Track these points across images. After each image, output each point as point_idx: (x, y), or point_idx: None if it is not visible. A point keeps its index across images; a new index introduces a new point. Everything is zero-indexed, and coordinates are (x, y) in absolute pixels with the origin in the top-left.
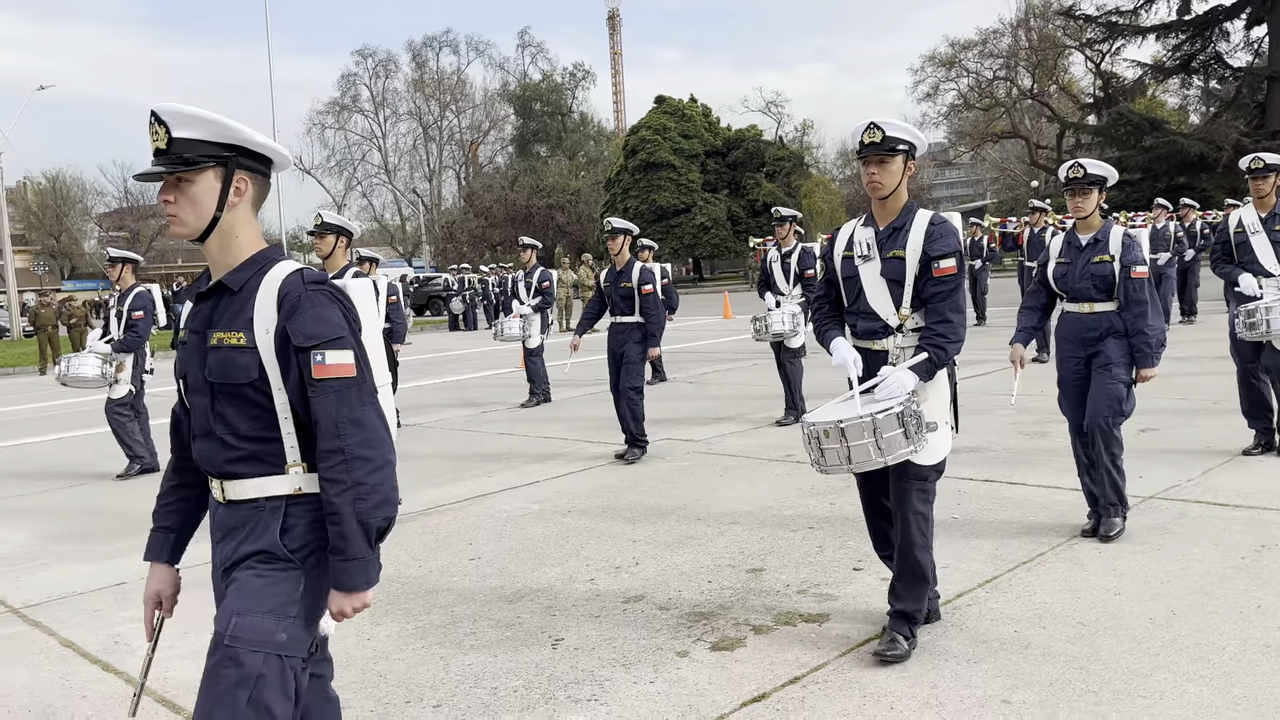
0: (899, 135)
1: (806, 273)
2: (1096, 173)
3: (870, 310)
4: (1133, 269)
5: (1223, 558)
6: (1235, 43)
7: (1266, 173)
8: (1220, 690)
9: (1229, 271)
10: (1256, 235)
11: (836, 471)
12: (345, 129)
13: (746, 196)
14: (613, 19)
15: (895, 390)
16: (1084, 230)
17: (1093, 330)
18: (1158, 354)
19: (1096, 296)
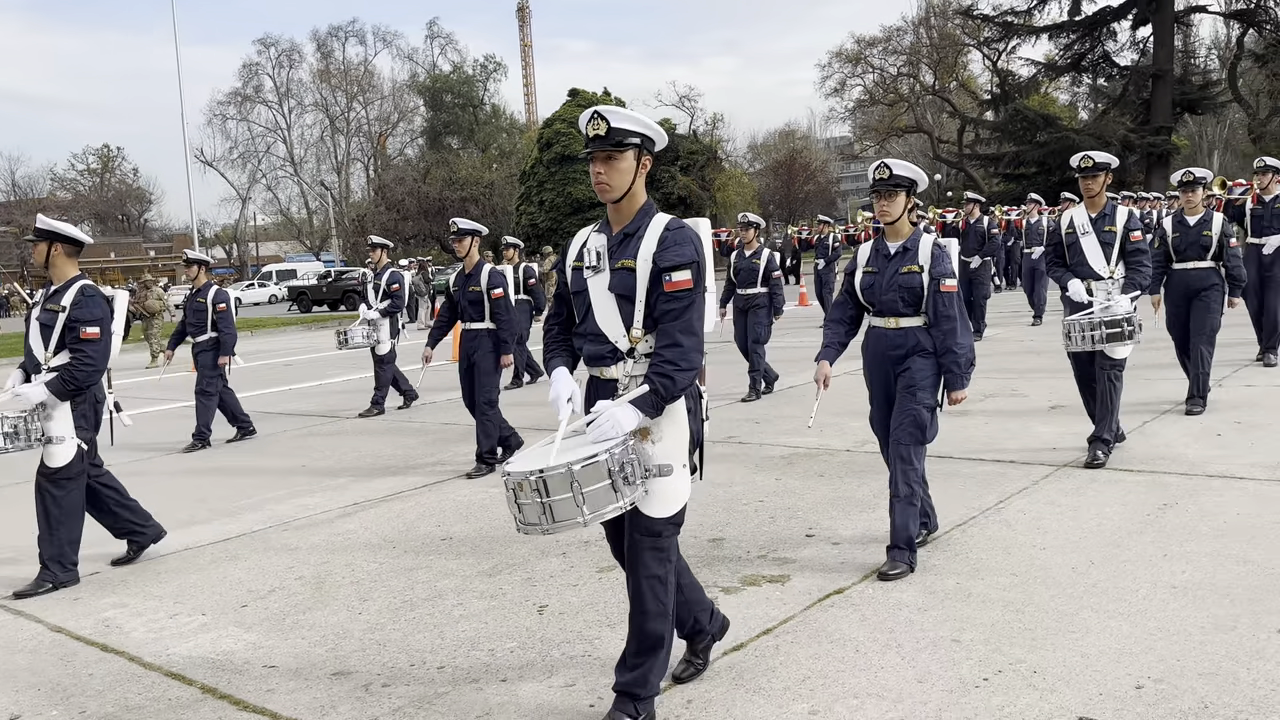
0: (627, 127)
1: None
2: (903, 174)
3: (598, 331)
4: (942, 282)
5: (1131, 515)
6: (1122, 42)
7: (1096, 171)
8: (1137, 624)
9: (1060, 276)
10: (1086, 236)
11: (535, 532)
12: (248, 120)
13: (662, 190)
14: (522, 11)
15: (609, 431)
16: (893, 238)
17: (899, 347)
18: (967, 374)
19: (904, 310)
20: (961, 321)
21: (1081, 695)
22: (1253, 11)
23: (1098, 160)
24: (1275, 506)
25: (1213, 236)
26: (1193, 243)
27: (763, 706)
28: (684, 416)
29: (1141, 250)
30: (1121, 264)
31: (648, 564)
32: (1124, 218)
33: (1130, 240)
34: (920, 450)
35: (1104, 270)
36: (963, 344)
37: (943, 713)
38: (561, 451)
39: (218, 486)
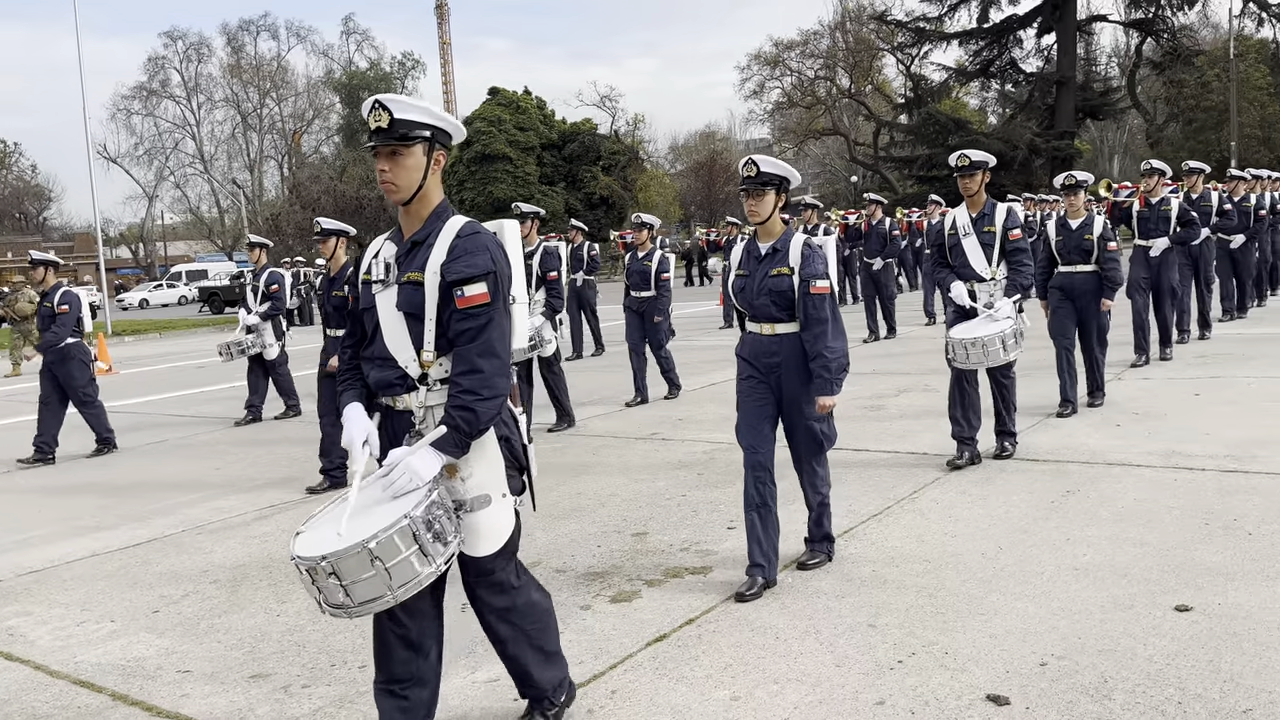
0: (414, 118)
1: (549, 274)
2: (772, 172)
3: (386, 354)
4: (812, 284)
5: (1036, 502)
6: (1028, 50)
7: (973, 170)
8: (1042, 605)
9: (943, 278)
10: (968, 237)
11: (343, 615)
12: (154, 115)
13: (584, 189)
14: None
15: (406, 485)
16: (764, 238)
17: (774, 354)
18: (838, 379)
19: (777, 315)
20: (834, 325)
21: (990, 674)
22: (1150, 21)
23: (974, 159)
24: (1169, 491)
25: (1094, 240)
26: (1075, 246)
27: (685, 694)
28: (495, 447)
29: (1021, 249)
30: (1003, 265)
31: (490, 601)
32: (1003, 217)
33: (1009, 240)
34: (824, 457)
35: (985, 271)
36: (834, 348)
37: (859, 694)
38: (356, 515)
39: (126, 492)
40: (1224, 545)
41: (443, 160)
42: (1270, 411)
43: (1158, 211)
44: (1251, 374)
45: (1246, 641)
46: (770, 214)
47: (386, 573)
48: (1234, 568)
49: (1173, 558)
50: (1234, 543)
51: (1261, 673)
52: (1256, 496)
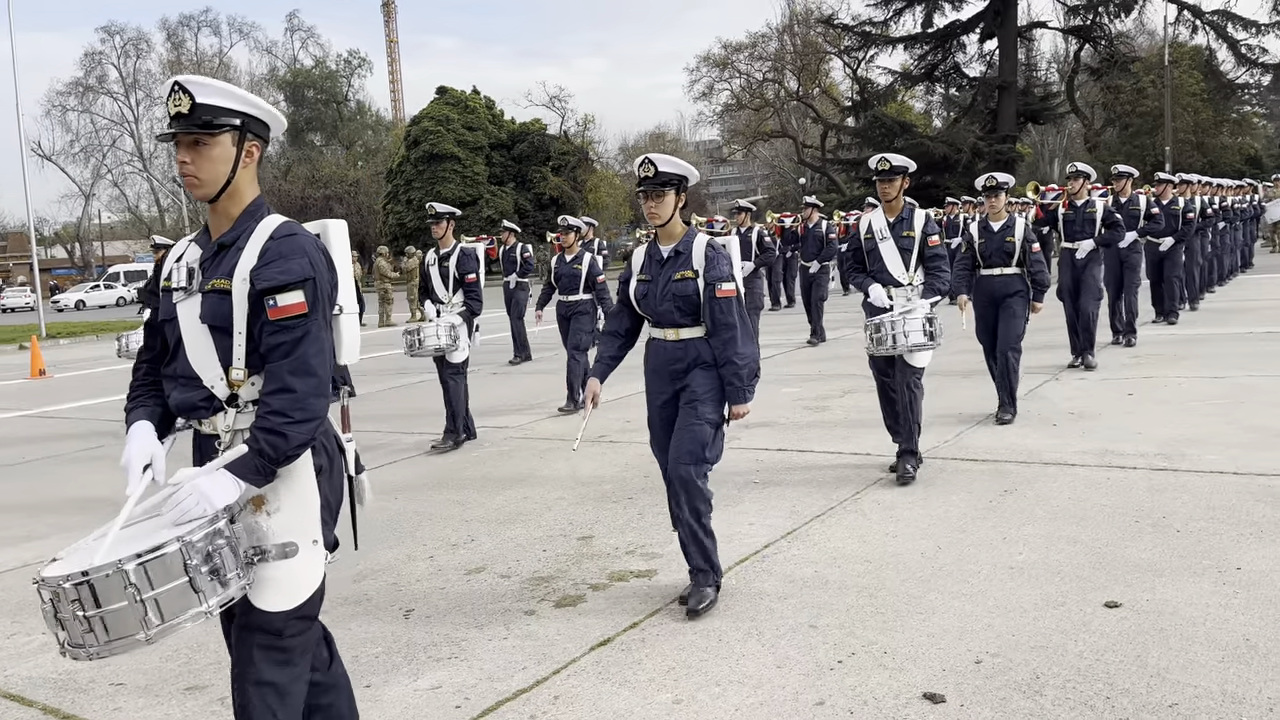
0: (219, 103)
1: (467, 277)
2: (670, 171)
3: (190, 373)
4: (718, 287)
5: (975, 502)
6: (971, 54)
7: (893, 174)
8: (978, 604)
9: (860, 281)
10: (885, 241)
11: (83, 656)
12: (91, 112)
13: (533, 190)
14: (387, 6)
15: (192, 510)
16: (665, 240)
17: (679, 361)
18: (750, 386)
19: (681, 320)
20: (744, 329)
21: (927, 672)
22: (1089, 28)
23: (894, 164)
24: (1102, 490)
25: (1015, 242)
26: (997, 249)
27: (628, 698)
28: (309, 481)
29: (939, 256)
30: (921, 270)
31: (259, 667)
32: (921, 222)
33: (928, 246)
34: (702, 471)
35: (903, 276)
36: (744, 353)
37: (800, 695)
38: (123, 539)
39: (58, 500)
40: (1153, 542)
41: (256, 153)
42: (1200, 411)
43: (1082, 214)
44: (1183, 374)
45: (1173, 637)
46: (671, 215)
47: (142, 604)
48: (1162, 564)
49: (1104, 555)
50: (1163, 540)
51: (1187, 667)
52: (1185, 494)
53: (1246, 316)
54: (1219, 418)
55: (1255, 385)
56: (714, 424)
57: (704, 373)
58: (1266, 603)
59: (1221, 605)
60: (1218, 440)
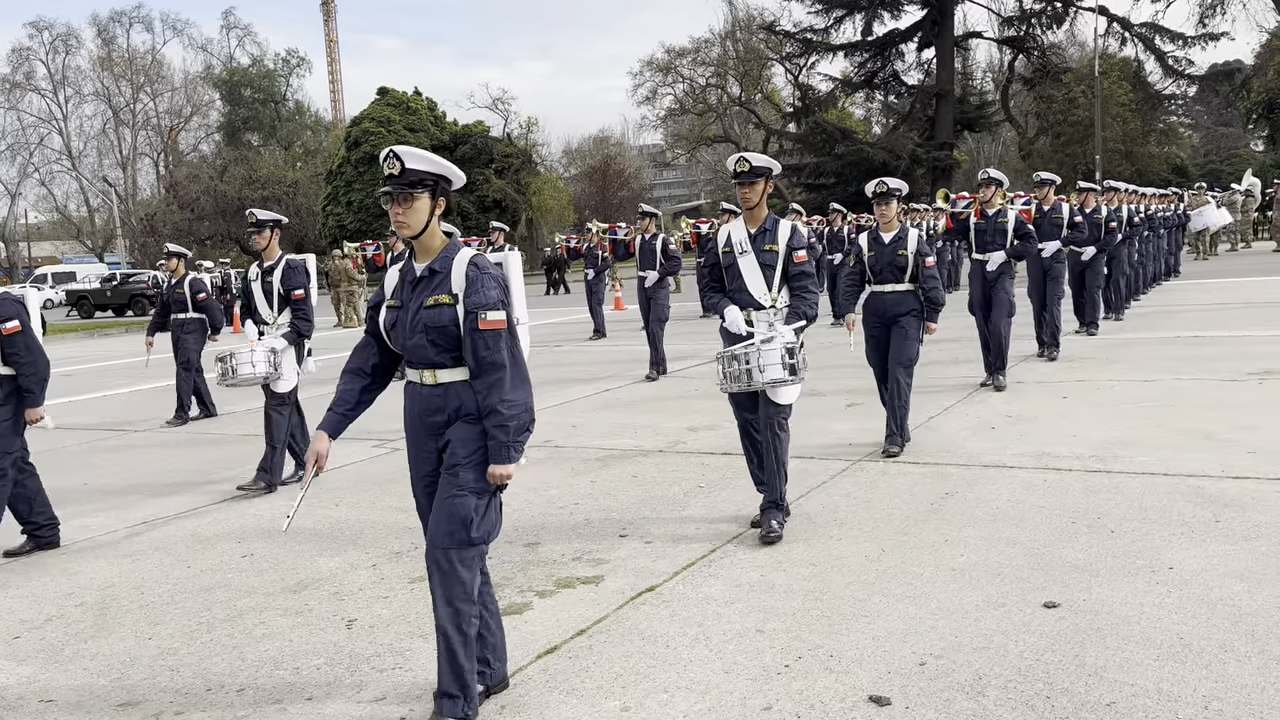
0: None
1: (294, 294)
2: (421, 169)
3: None
4: (481, 315)
5: (917, 504)
6: (910, 63)
7: (753, 177)
8: (921, 606)
9: (716, 303)
10: (745, 256)
11: None
12: (18, 109)
13: (476, 192)
14: (327, 4)
15: None
16: (421, 256)
17: (438, 411)
18: (518, 442)
19: (439, 359)
20: (515, 370)
21: (872, 675)
22: (1022, 39)
23: (755, 164)
24: (1039, 493)
25: (908, 256)
26: (888, 263)
27: (576, 706)
28: None
29: (806, 274)
30: (785, 290)
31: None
32: (786, 234)
33: (794, 261)
34: (468, 556)
35: (765, 297)
36: (513, 400)
37: (747, 700)
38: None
39: None
40: (1089, 543)
41: None
42: (1131, 413)
43: (994, 224)
44: (1114, 377)
45: (1109, 636)
46: (425, 224)
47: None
48: (1098, 564)
49: (1042, 556)
50: (1098, 540)
51: (1124, 666)
52: (1118, 496)
53: (1174, 321)
54: (1150, 420)
55: (1184, 388)
56: (481, 493)
57: (468, 427)
58: (1199, 602)
59: (1155, 604)
60: (1149, 442)
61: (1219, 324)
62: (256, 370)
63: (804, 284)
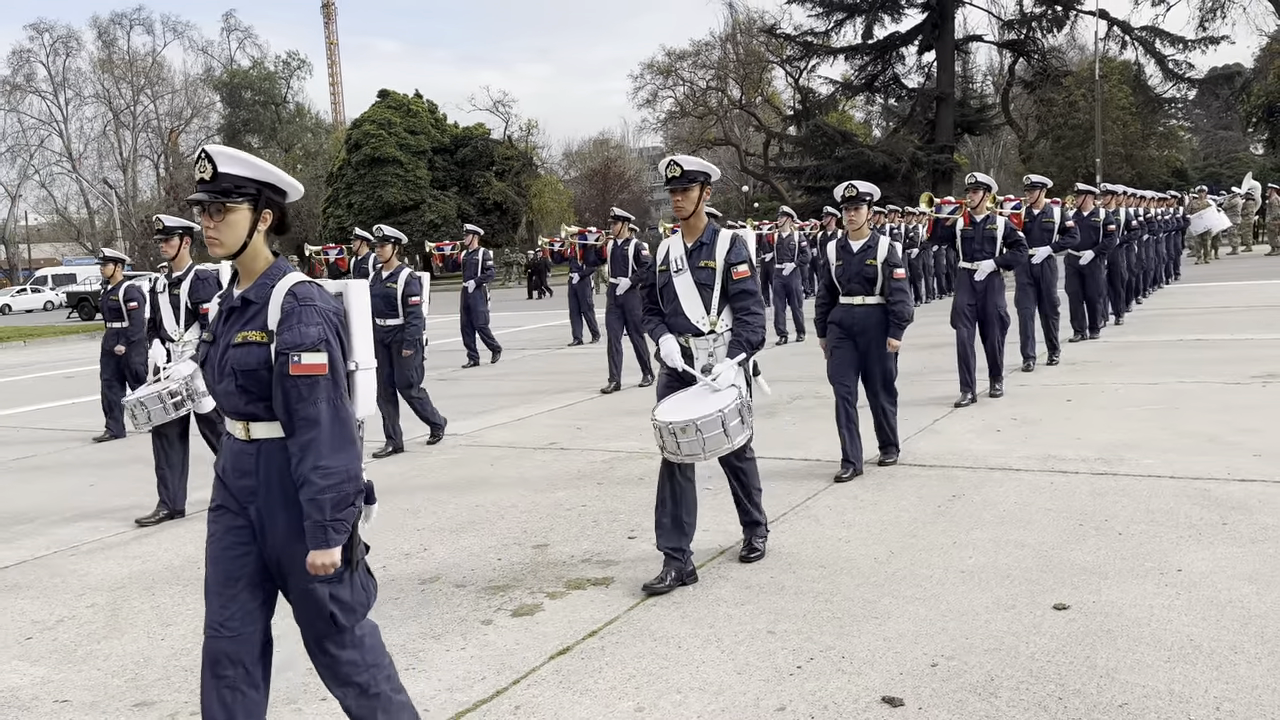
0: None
1: (202, 308)
2: (239, 174)
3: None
4: (292, 359)
5: (925, 507)
6: (910, 66)
7: (687, 183)
8: (931, 608)
9: (653, 329)
10: (680, 275)
11: None
12: (18, 111)
13: (476, 194)
14: (328, 7)
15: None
16: (243, 281)
17: (247, 474)
18: (339, 521)
19: (251, 409)
20: (336, 427)
21: (884, 676)
22: (1022, 42)
23: (688, 168)
24: (1046, 494)
25: (877, 266)
26: (856, 274)
27: (590, 707)
28: None
29: (749, 292)
30: (726, 313)
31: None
32: (725, 248)
33: (734, 279)
34: (347, 639)
35: (703, 321)
36: (331, 467)
37: (760, 701)
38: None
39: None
40: (1097, 545)
41: None
42: (1136, 416)
43: (983, 230)
44: (1118, 380)
45: (1120, 638)
46: (245, 241)
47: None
48: (1107, 566)
49: (1051, 558)
50: (1106, 542)
51: (1135, 668)
52: (1125, 498)
53: (1176, 324)
54: (1154, 423)
55: (1187, 391)
56: (331, 578)
57: (291, 508)
58: (1208, 603)
59: (1165, 606)
60: (1154, 445)
61: (1221, 327)
62: (169, 416)
63: (746, 305)
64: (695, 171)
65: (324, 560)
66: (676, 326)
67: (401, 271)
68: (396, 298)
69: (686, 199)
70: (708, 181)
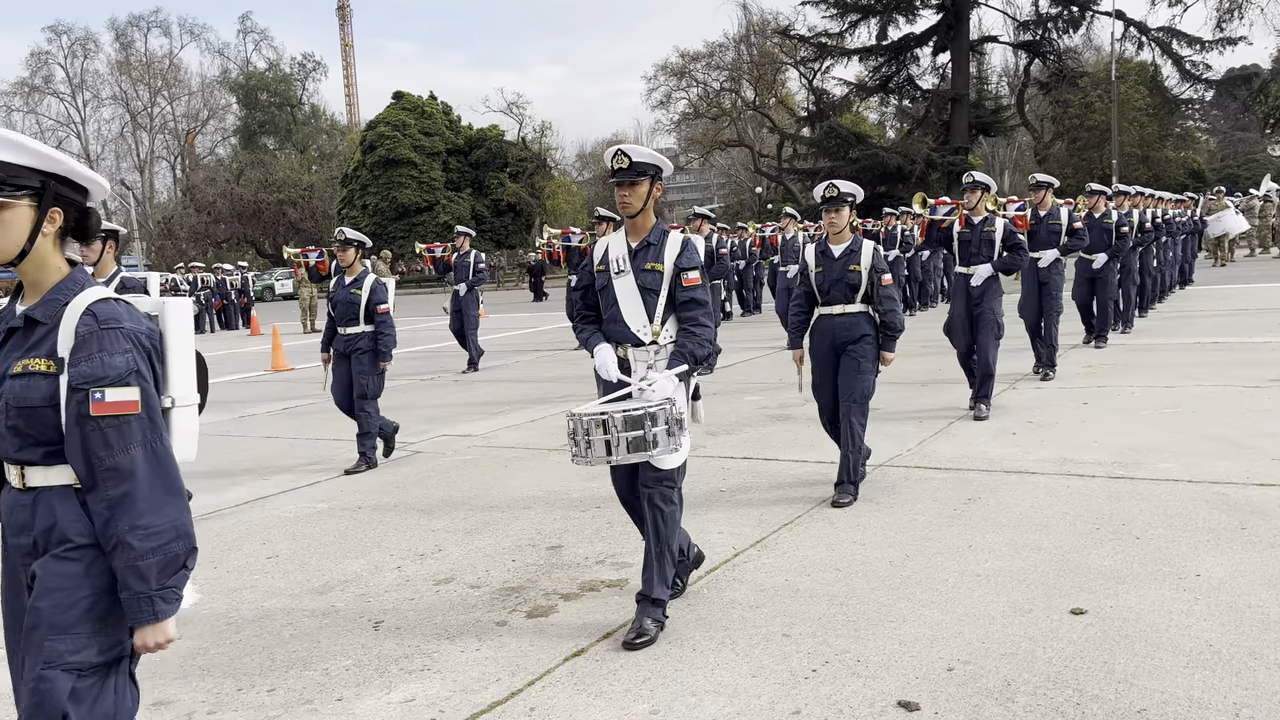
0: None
1: None
2: (17, 163)
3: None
4: (92, 396)
5: (940, 510)
6: (924, 67)
7: (635, 176)
8: (947, 612)
9: (587, 338)
10: (622, 277)
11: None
12: (37, 112)
13: (490, 196)
14: (343, 9)
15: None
16: (29, 295)
17: (23, 530)
18: (169, 588)
19: (26, 454)
20: (157, 479)
21: (900, 680)
22: (1038, 43)
23: (636, 160)
24: (1062, 498)
25: (861, 272)
26: (837, 280)
27: (604, 709)
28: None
29: (697, 302)
30: (672, 322)
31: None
32: (675, 250)
33: (683, 286)
34: None
35: (644, 330)
36: (152, 527)
37: (775, 704)
38: None
39: None
40: (1114, 549)
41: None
42: (1152, 420)
43: (981, 233)
44: (1135, 383)
45: (1138, 643)
46: (25, 245)
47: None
48: (1124, 571)
49: (1067, 562)
50: (1123, 546)
51: (1153, 673)
52: (1142, 502)
53: (1193, 327)
54: (1172, 426)
55: (1205, 395)
56: (85, 671)
57: (59, 564)
58: (1227, 609)
59: (1183, 612)
60: (1172, 449)
61: (1240, 330)
62: None
63: (694, 315)
64: (645, 164)
65: (156, 639)
66: (614, 335)
67: (366, 277)
68: (360, 304)
69: (634, 194)
70: (658, 176)
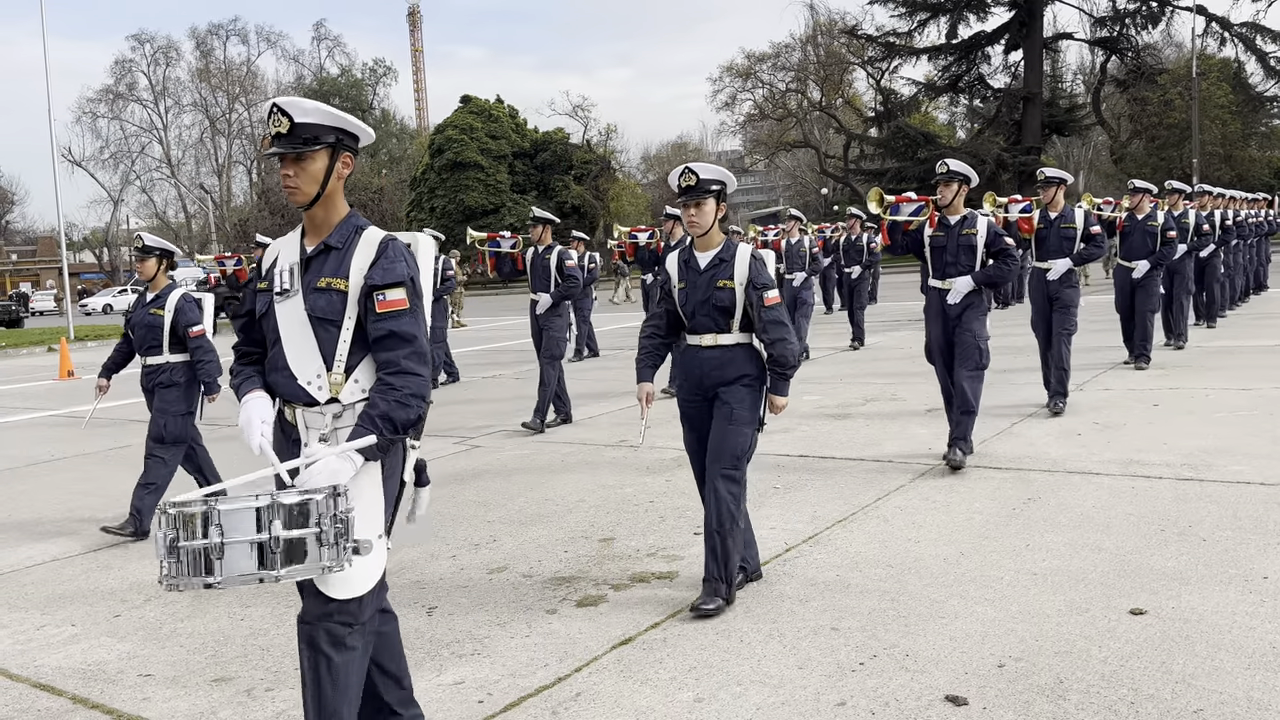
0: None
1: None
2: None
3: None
4: None
5: (998, 509)
6: (996, 66)
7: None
8: (1000, 609)
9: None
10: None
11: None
12: (121, 119)
13: (555, 198)
14: (413, 15)
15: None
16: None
17: None
18: None
19: None
20: None
21: (949, 675)
22: (1115, 39)
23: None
24: (1126, 499)
25: (733, 289)
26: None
27: (650, 696)
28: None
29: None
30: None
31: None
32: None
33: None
34: None
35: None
36: None
37: (821, 695)
38: None
39: (86, 496)
40: (1179, 551)
41: None
42: (1225, 422)
43: (957, 237)
44: (1209, 385)
45: (1199, 644)
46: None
47: None
48: (1188, 572)
49: (1129, 563)
50: (1188, 548)
51: (1213, 674)
52: (1211, 504)
53: (1272, 329)
54: (1246, 429)
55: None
56: None
57: None
58: None
59: (1248, 614)
60: (1245, 451)
61: None
62: None
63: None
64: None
65: None
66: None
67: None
68: (164, 327)
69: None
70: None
